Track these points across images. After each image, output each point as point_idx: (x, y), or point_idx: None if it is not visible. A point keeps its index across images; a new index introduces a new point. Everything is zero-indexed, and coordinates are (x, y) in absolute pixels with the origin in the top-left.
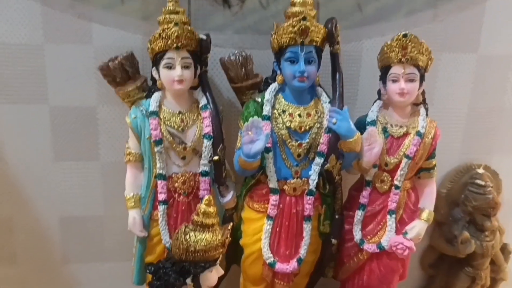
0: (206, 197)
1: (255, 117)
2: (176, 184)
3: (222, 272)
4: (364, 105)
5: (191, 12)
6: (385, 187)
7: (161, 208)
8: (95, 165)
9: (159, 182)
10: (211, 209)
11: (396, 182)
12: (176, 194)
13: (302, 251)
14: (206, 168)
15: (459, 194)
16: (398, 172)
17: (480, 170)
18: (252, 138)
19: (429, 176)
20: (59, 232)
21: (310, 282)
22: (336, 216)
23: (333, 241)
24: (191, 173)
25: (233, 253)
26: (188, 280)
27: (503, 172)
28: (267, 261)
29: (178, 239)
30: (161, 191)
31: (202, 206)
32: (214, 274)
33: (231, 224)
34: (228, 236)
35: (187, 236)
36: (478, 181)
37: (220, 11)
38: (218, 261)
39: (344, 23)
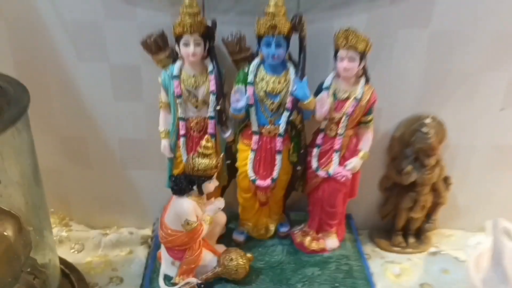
0: (206, 136)
1: (240, 85)
2: (192, 124)
3: (217, 183)
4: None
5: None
6: (332, 133)
7: (182, 139)
8: (140, 105)
9: (180, 122)
10: (209, 144)
11: (339, 131)
12: (192, 131)
13: (275, 173)
14: (212, 114)
15: (410, 137)
16: (340, 124)
17: (427, 120)
18: (238, 99)
19: (366, 127)
20: (119, 149)
21: (286, 194)
22: (301, 151)
23: (298, 167)
24: (202, 117)
25: (233, 171)
26: (194, 187)
27: (449, 122)
28: (251, 178)
29: (188, 162)
30: (181, 129)
31: (202, 142)
32: (211, 184)
33: (223, 154)
34: (220, 162)
35: (193, 160)
36: (423, 129)
37: None
38: (213, 177)
39: (319, 7)
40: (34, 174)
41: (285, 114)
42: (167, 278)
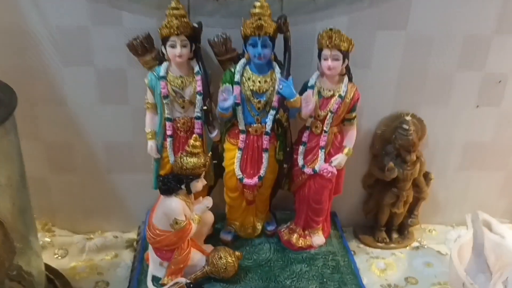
0: (194, 135)
1: (227, 84)
2: (179, 125)
3: (205, 182)
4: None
5: (190, 3)
6: (318, 131)
7: (168, 140)
8: (126, 108)
9: (167, 123)
10: (197, 143)
11: (324, 128)
12: (179, 131)
13: (262, 171)
14: (199, 114)
15: (391, 134)
16: (325, 122)
17: (407, 118)
18: (225, 98)
19: (350, 124)
20: (104, 153)
21: (272, 192)
22: (288, 149)
23: (285, 165)
24: (188, 117)
25: (219, 170)
26: (182, 186)
27: (428, 119)
28: (238, 177)
29: (176, 161)
30: (168, 129)
31: (191, 141)
32: (199, 183)
33: (210, 153)
34: (208, 160)
35: (181, 160)
36: (404, 126)
37: (211, 2)
38: (201, 175)
39: (302, 10)
40: (21, 178)
41: (272, 112)
42: (155, 279)
